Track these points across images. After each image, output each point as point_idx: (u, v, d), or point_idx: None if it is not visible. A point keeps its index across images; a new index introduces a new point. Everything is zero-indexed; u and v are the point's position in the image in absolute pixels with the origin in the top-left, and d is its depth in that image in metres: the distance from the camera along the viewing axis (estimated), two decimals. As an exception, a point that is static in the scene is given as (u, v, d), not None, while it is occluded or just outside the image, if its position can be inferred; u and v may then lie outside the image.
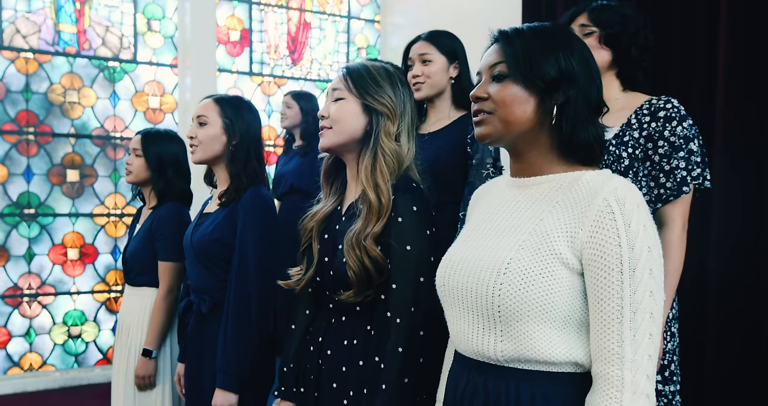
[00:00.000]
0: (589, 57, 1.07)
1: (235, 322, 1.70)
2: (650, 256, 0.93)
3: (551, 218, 1.00)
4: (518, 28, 1.09)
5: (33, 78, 3.59)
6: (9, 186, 3.50)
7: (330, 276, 1.38)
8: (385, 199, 1.31)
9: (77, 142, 3.68)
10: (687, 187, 1.55)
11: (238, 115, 1.83)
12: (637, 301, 0.92)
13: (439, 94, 2.09)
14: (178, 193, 2.19)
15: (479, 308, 1.01)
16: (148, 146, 2.18)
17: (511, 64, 1.04)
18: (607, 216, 0.94)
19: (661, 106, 1.60)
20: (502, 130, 1.04)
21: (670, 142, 1.57)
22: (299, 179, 3.05)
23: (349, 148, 1.41)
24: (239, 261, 1.72)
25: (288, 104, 3.29)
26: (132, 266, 2.16)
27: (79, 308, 3.61)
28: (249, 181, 1.79)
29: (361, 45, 4.44)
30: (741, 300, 2.00)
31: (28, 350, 3.51)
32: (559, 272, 0.96)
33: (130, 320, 2.14)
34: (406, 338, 1.26)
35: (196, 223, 1.89)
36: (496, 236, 1.05)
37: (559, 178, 1.04)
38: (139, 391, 2.08)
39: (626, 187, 0.96)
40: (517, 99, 1.03)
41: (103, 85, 3.77)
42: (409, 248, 1.28)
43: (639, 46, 1.67)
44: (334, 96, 1.41)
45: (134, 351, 2.11)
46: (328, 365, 1.39)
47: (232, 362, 1.67)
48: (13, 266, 3.48)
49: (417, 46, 2.11)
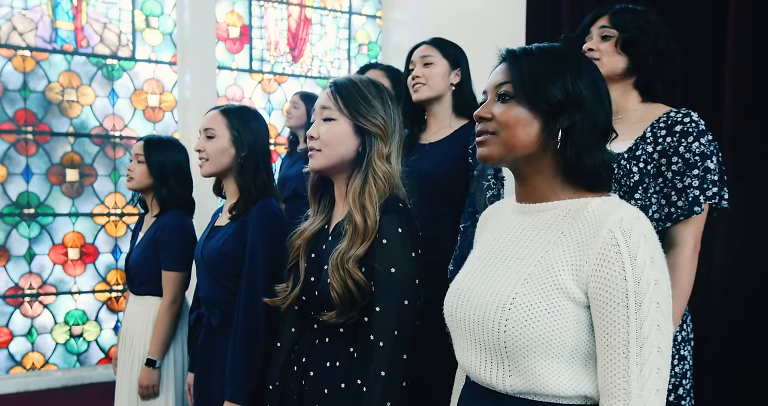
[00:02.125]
0: (599, 80, 1.05)
1: (243, 335, 1.70)
2: (657, 289, 0.91)
3: (556, 250, 0.98)
4: (527, 48, 1.07)
5: (31, 76, 3.56)
6: (8, 186, 3.48)
7: (315, 296, 1.37)
8: (371, 222, 1.29)
9: (76, 142, 3.65)
10: (699, 208, 1.48)
11: (246, 126, 1.82)
12: (643, 335, 0.90)
13: (439, 100, 2.06)
14: (180, 202, 2.18)
15: (486, 341, 1.01)
16: (150, 153, 2.17)
17: (516, 84, 1.02)
18: (612, 249, 0.92)
19: (679, 119, 1.54)
20: (505, 152, 1.03)
21: (684, 158, 1.50)
22: (303, 184, 3.01)
23: (339, 170, 1.39)
24: (248, 275, 1.73)
25: (295, 104, 3.26)
26: (135, 274, 2.16)
27: (80, 308, 3.61)
28: (258, 194, 1.80)
29: (363, 41, 4.39)
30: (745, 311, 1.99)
31: (30, 350, 3.51)
32: (564, 307, 0.95)
33: (134, 329, 2.14)
34: (388, 361, 1.25)
35: (207, 235, 1.89)
36: (502, 267, 1.04)
37: (565, 205, 1.03)
38: (142, 400, 2.08)
39: (633, 217, 0.94)
40: (521, 121, 1.01)
41: (102, 84, 3.73)
42: (393, 271, 1.27)
43: (658, 54, 1.60)
44: (323, 115, 1.38)
45: (138, 360, 2.11)
46: (311, 387, 1.38)
47: (241, 376, 1.68)
48: (13, 266, 3.47)
49: (420, 49, 2.09)
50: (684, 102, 1.70)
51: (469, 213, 1.95)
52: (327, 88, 1.41)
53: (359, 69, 2.69)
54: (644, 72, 1.62)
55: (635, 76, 1.63)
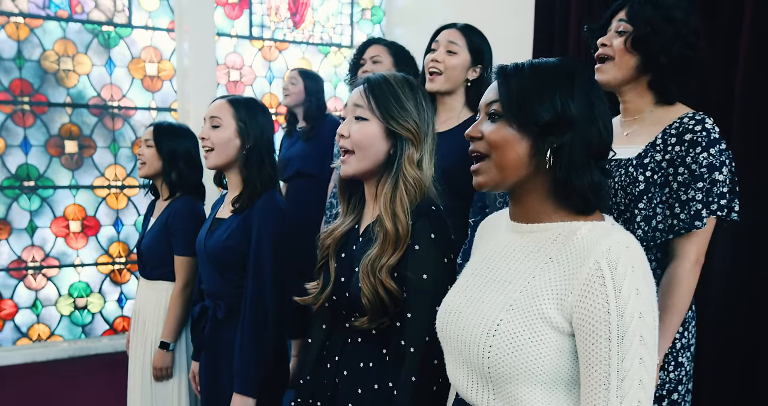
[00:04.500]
0: (594, 98, 1.01)
1: (251, 329, 1.72)
2: (641, 322, 0.90)
3: (543, 277, 0.97)
4: (519, 64, 1.04)
5: (25, 44, 3.46)
6: (7, 158, 3.44)
7: (346, 298, 1.37)
8: (403, 229, 1.29)
9: (74, 112, 3.58)
10: (699, 222, 1.43)
11: (252, 118, 1.79)
12: (625, 368, 0.90)
13: (451, 94, 2.00)
14: (190, 186, 2.17)
15: (473, 364, 1.01)
16: (160, 138, 2.16)
17: (504, 104, 1.01)
18: (597, 281, 0.91)
19: (690, 127, 1.47)
20: (499, 176, 1.02)
21: (690, 170, 1.44)
22: (305, 163, 2.98)
23: (371, 173, 1.37)
24: (255, 269, 1.74)
25: (293, 80, 3.16)
26: (147, 259, 2.17)
27: (83, 280, 3.62)
28: (263, 187, 1.78)
29: (366, 6, 4.25)
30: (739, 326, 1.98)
31: (36, 322, 3.54)
32: (547, 336, 0.95)
33: (146, 313, 2.17)
34: (419, 367, 1.27)
35: (209, 228, 1.87)
36: (491, 289, 1.03)
37: (556, 228, 1.01)
38: (156, 381, 2.12)
39: (621, 246, 0.92)
40: (510, 141, 1.00)
41: (98, 52, 3.63)
42: (425, 277, 1.27)
43: (672, 55, 1.49)
44: (356, 113, 1.35)
45: (151, 343, 2.14)
46: (345, 386, 1.40)
47: (250, 368, 1.71)
48: (15, 239, 3.46)
49: (448, 32, 2.00)
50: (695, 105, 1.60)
51: (479, 208, 1.93)
52: (360, 85, 1.37)
53: (361, 45, 2.61)
54: (656, 71, 1.53)
55: (649, 76, 1.55)
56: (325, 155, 2.94)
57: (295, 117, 3.22)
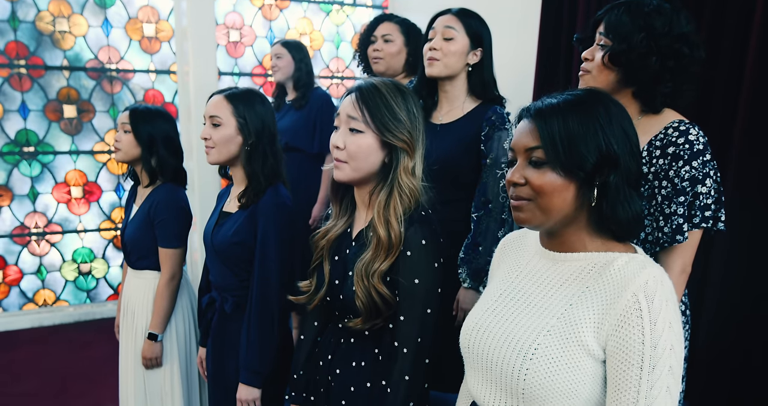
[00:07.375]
0: (627, 128, 1.01)
1: (258, 322, 1.74)
2: (672, 353, 0.94)
3: (580, 305, 0.99)
4: (554, 104, 1.01)
5: (19, 5, 3.36)
6: (5, 123, 3.39)
7: (339, 299, 1.40)
8: (396, 237, 1.30)
9: (71, 76, 3.51)
10: (681, 236, 1.39)
11: (252, 111, 1.77)
12: (652, 396, 0.94)
13: (451, 80, 1.92)
14: (171, 171, 2.09)
15: (504, 384, 1.04)
16: (137, 123, 2.06)
17: (549, 151, 0.99)
18: (635, 313, 0.94)
19: (673, 139, 1.41)
20: (543, 218, 1.03)
21: (673, 183, 1.40)
22: (294, 137, 2.91)
23: (364, 181, 1.37)
24: (261, 264, 1.75)
25: (278, 54, 3.02)
26: (132, 250, 2.12)
27: (87, 246, 3.63)
28: (267, 182, 1.77)
29: (370, -38, 4.09)
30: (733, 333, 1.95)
31: (41, 287, 3.57)
32: (584, 362, 0.98)
33: (134, 303, 2.15)
34: (412, 366, 1.31)
35: (216, 222, 1.86)
36: (525, 313, 1.05)
37: (592, 258, 1.03)
38: (147, 370, 2.13)
39: (657, 281, 0.95)
40: (557, 188, 1.00)
41: (94, 12, 3.53)
42: (417, 282, 1.29)
43: (651, 67, 1.39)
44: (350, 125, 1.33)
45: (140, 333, 2.14)
46: (337, 383, 1.43)
47: (256, 360, 1.73)
48: (18, 206, 3.45)
49: (444, 18, 1.92)
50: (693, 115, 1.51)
51: (482, 202, 1.89)
52: (352, 94, 1.35)
53: (371, 21, 2.52)
54: (640, 84, 1.45)
55: (631, 87, 1.47)
56: (313, 129, 2.92)
57: (284, 90, 3.11)
